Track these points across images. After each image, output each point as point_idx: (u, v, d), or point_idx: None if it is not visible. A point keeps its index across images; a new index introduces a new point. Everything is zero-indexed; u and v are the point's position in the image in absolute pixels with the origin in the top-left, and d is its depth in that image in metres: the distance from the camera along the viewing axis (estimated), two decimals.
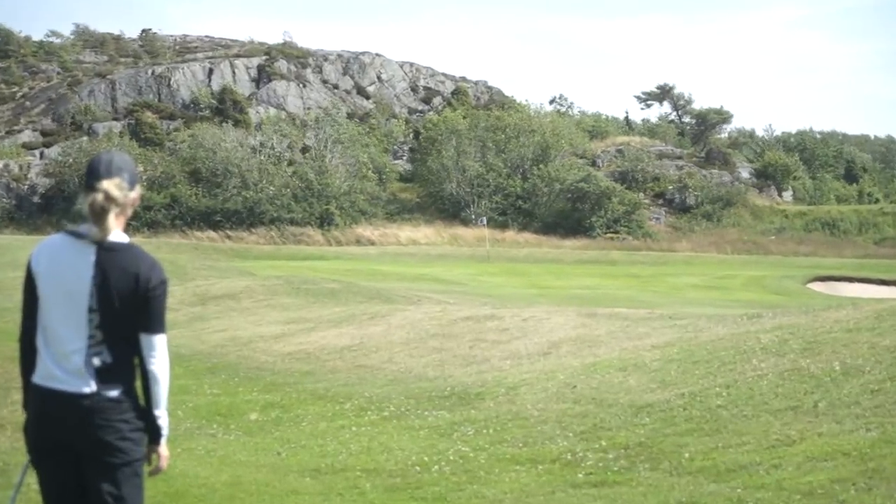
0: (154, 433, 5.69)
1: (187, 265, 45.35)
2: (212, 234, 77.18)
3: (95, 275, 5.48)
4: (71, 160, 79.50)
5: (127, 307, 5.52)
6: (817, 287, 53.91)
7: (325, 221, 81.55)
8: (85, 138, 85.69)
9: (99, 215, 5.45)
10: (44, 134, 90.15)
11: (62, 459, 5.59)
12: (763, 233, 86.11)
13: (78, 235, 5.53)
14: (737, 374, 13.68)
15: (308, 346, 21.82)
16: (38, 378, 5.59)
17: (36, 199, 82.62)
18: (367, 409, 14.70)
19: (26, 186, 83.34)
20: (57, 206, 78.50)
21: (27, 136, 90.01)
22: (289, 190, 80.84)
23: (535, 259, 71.41)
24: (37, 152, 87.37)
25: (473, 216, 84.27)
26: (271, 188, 79.90)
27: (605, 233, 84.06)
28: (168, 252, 55.68)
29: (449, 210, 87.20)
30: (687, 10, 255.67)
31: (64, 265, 5.53)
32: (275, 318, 27.20)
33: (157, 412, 5.64)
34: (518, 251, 76.99)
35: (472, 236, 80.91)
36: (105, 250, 5.50)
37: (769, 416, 11.53)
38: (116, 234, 5.54)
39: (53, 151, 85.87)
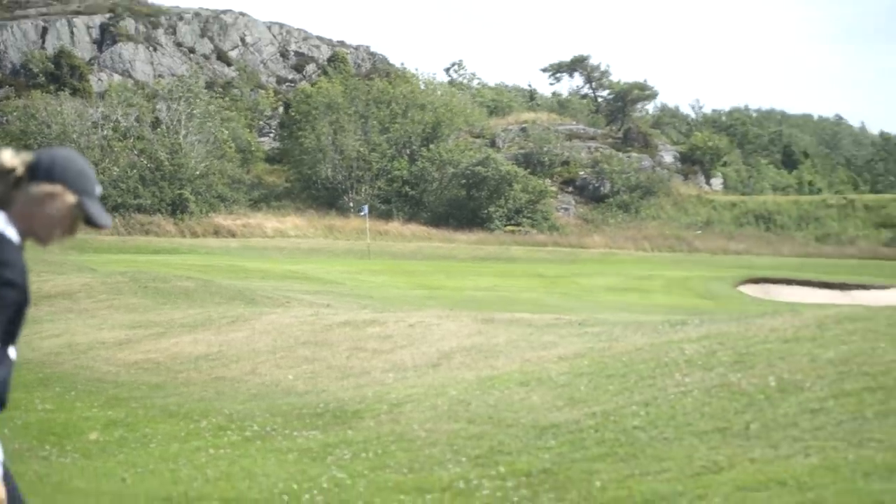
0: None
1: None
2: None
3: None
4: None
5: None
6: (750, 290, 54.56)
7: (177, 209, 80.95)
8: None
9: None
10: None
11: None
12: (688, 227, 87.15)
13: None
14: (657, 391, 13.80)
15: (157, 354, 21.69)
16: None
17: None
18: (227, 429, 14.65)
19: None
20: None
21: None
22: (136, 171, 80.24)
23: (424, 255, 71.55)
24: None
25: (352, 205, 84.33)
26: (115, 169, 79.17)
27: (506, 225, 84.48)
28: None
29: (324, 197, 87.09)
30: None
31: None
32: (119, 321, 26.99)
33: None
34: (404, 246, 77.13)
35: (351, 228, 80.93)
36: None
37: (694, 439, 11.65)
38: None
39: None
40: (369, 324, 22.48)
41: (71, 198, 5.49)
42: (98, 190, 5.59)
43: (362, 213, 77.60)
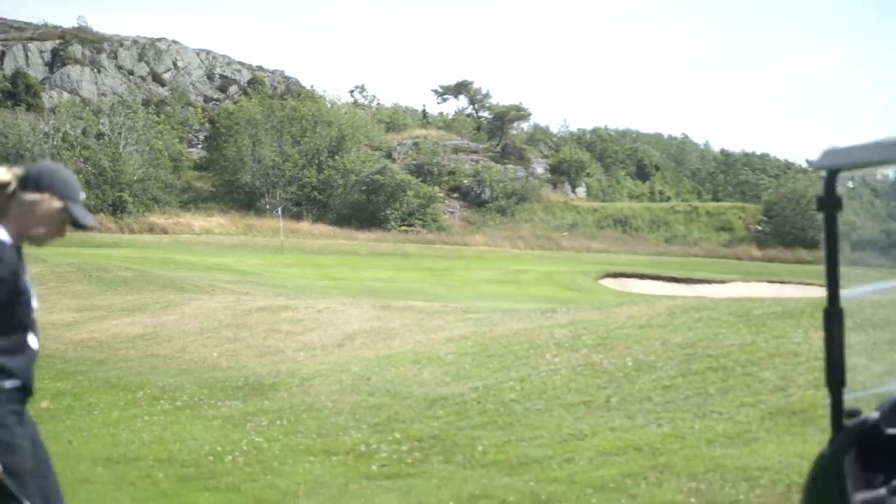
0: None
1: None
2: None
3: None
4: None
5: None
6: (609, 283, 54.82)
7: (117, 209, 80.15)
8: None
9: None
10: None
11: None
12: (556, 228, 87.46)
13: None
14: (530, 369, 13.78)
15: (100, 334, 21.40)
16: None
17: None
18: (160, 399, 14.45)
19: None
20: None
21: None
22: (81, 176, 79.17)
23: (330, 251, 71.18)
24: None
25: (268, 206, 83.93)
26: None
27: (400, 226, 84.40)
28: None
29: (244, 200, 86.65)
30: (487, 4, 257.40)
31: None
32: (66, 305, 26.58)
33: None
34: (313, 242, 76.74)
35: (267, 227, 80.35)
36: None
37: (562, 411, 11.64)
38: None
39: None
40: (283, 309, 22.31)
41: (57, 203, 5.57)
42: (81, 196, 5.70)
43: (277, 214, 77.37)
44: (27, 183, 5.57)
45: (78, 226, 5.70)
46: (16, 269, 5.50)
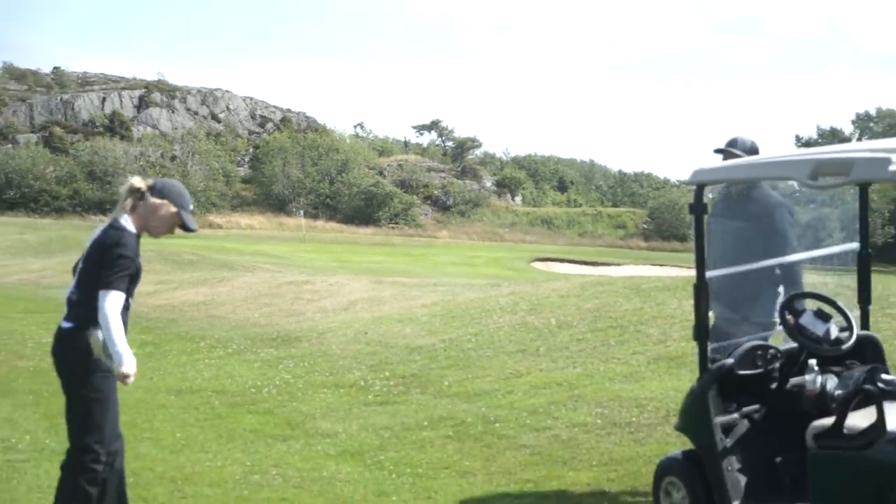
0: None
1: (84, 240, 43.88)
2: (103, 218, 74.50)
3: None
4: None
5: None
6: (538, 266, 54.73)
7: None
8: (10, 146, 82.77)
9: (123, 198, 5.72)
10: None
11: None
12: (500, 226, 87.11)
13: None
14: (482, 326, 13.78)
15: (173, 300, 21.27)
16: None
17: None
18: (216, 347, 14.39)
19: None
20: None
21: None
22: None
23: (339, 241, 70.70)
24: None
25: (294, 209, 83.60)
26: None
27: (389, 224, 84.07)
28: (72, 231, 53.44)
29: (276, 205, 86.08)
30: (457, 56, 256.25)
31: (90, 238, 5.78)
32: (148, 279, 26.06)
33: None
34: (326, 235, 76.21)
35: (293, 224, 79.77)
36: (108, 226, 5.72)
37: (505, 357, 11.65)
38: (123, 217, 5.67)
39: None
40: (304, 283, 22.23)
41: (173, 209, 5.74)
42: (191, 206, 5.93)
43: (300, 215, 77.28)
44: (153, 190, 5.68)
45: (185, 229, 5.88)
46: (138, 253, 5.63)
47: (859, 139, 77.76)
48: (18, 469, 7.60)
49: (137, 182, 5.72)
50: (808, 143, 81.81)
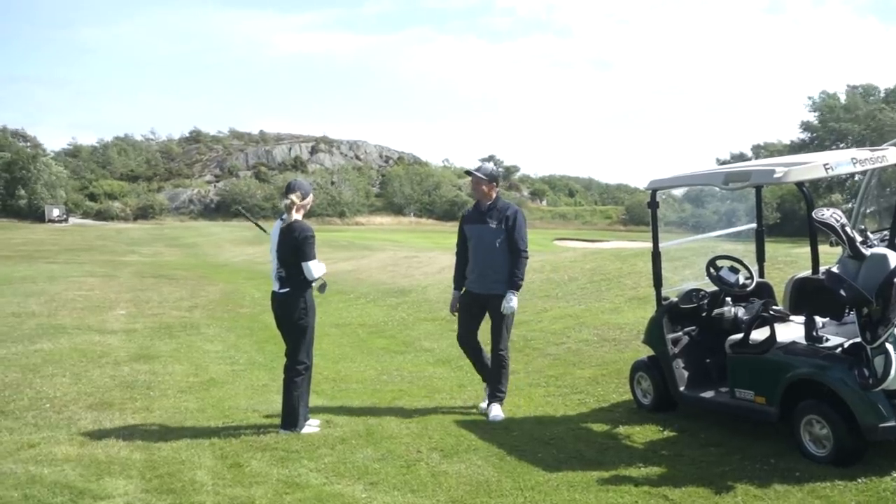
0: None
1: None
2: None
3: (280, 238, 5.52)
4: (226, 189, 78.97)
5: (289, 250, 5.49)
6: (558, 243, 53.88)
7: (342, 214, 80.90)
8: (233, 178, 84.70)
9: (288, 210, 5.49)
10: (215, 176, 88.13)
11: None
12: (534, 219, 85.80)
13: (282, 220, 5.57)
14: (526, 283, 13.62)
15: (335, 270, 21.29)
16: None
17: (212, 206, 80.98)
18: (360, 298, 14.43)
19: (207, 199, 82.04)
20: (222, 209, 77.03)
21: (207, 177, 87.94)
22: (324, 201, 79.72)
23: (433, 231, 70.67)
24: (211, 186, 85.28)
25: (407, 212, 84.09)
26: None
27: None
28: (269, 229, 54.13)
29: (396, 209, 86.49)
30: (501, 111, 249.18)
31: (273, 235, 5.63)
32: (320, 257, 26.53)
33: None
34: (426, 227, 76.29)
35: (407, 221, 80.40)
36: (287, 225, 5.51)
37: (536, 299, 11.33)
38: (295, 218, 5.51)
39: (220, 183, 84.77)
40: (413, 257, 22.22)
41: (310, 199, 5.56)
42: (289, 195, 5.51)
43: (411, 215, 77.67)
44: (290, 188, 5.53)
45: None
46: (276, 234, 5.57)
47: (756, 158, 75.58)
48: (239, 375, 7.74)
49: (294, 198, 5.54)
50: (724, 162, 79.46)
